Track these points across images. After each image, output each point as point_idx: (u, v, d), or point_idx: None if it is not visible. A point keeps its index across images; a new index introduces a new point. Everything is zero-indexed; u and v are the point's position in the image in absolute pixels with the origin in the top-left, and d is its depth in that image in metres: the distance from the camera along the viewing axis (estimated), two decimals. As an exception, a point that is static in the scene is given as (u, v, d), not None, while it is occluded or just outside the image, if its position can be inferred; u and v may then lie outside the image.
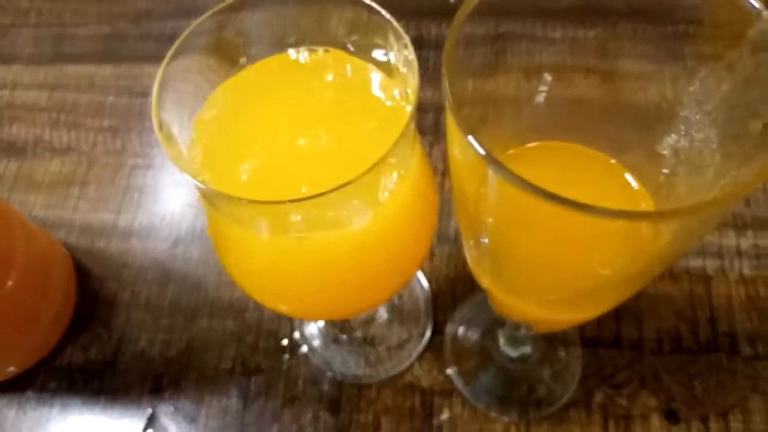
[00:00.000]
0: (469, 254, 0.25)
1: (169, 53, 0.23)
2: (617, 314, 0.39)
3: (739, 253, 0.40)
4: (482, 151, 0.17)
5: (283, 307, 0.27)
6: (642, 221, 0.16)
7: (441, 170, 0.45)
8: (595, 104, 0.25)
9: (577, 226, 0.17)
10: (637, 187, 0.24)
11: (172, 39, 0.54)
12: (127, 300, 0.43)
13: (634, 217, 0.15)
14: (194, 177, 0.21)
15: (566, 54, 0.25)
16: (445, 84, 0.19)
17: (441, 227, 0.42)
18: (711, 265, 0.40)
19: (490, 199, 0.19)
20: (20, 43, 0.53)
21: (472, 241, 0.23)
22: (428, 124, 0.47)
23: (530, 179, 0.26)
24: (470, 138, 0.17)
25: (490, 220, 0.20)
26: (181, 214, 0.45)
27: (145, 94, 0.50)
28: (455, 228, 0.42)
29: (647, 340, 0.38)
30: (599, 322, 0.39)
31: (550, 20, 0.25)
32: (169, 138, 0.21)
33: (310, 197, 0.20)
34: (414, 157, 0.24)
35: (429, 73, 0.48)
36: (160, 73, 0.22)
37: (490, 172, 0.17)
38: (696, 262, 0.40)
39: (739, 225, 0.41)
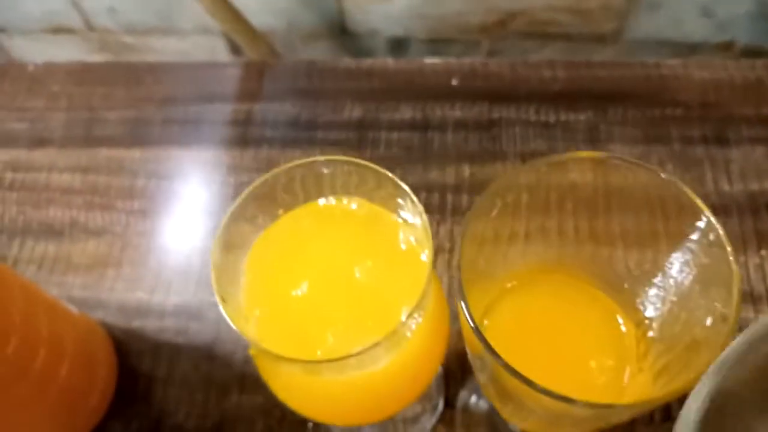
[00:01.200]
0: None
1: (223, 221, 0.26)
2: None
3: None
4: (484, 342, 0.21)
5: (315, 419, 0.31)
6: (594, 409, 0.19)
7: (447, 248, 0.48)
8: (587, 249, 0.29)
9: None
10: (625, 330, 0.28)
11: (194, 123, 0.59)
12: (164, 377, 0.46)
13: (591, 407, 0.19)
14: (247, 333, 0.25)
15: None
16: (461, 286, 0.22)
17: (451, 306, 0.46)
18: (698, 339, 0.43)
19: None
20: (53, 126, 0.57)
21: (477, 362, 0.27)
22: (434, 202, 0.50)
23: (527, 314, 0.30)
24: (473, 327, 0.21)
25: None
26: (211, 294, 0.49)
27: (171, 177, 0.54)
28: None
29: None
30: None
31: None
32: (227, 301, 0.25)
33: (341, 358, 0.24)
34: (431, 296, 0.28)
35: (434, 154, 0.52)
36: (215, 246, 0.26)
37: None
38: (684, 337, 0.43)
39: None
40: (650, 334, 0.26)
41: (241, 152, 0.55)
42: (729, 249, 0.21)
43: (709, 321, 0.21)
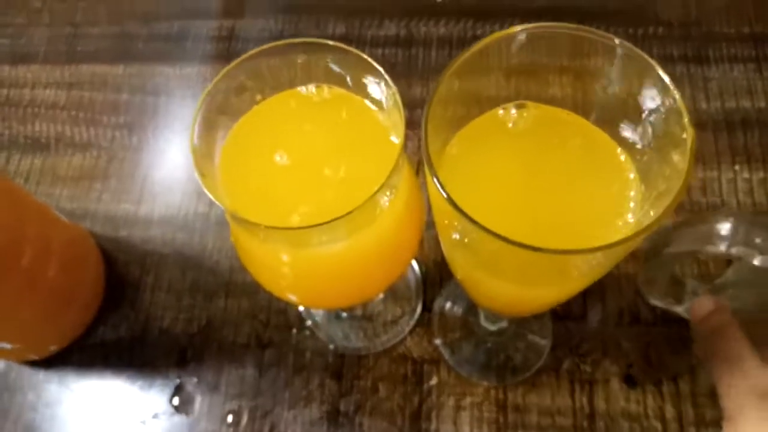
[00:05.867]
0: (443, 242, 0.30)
1: (201, 98, 0.27)
2: (584, 292, 0.44)
3: (693, 236, 0.45)
4: (445, 194, 0.22)
5: (293, 300, 0.32)
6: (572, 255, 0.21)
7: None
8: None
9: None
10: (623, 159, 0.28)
11: (178, 39, 0.58)
12: (151, 283, 0.48)
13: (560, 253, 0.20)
14: (225, 205, 0.25)
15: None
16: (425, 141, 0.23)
17: (429, 215, 0.47)
18: (668, 247, 0.45)
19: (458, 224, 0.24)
20: (35, 42, 0.57)
21: (443, 238, 0.28)
22: (416, 119, 0.51)
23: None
24: (439, 188, 0.22)
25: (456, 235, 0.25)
26: (197, 205, 0.50)
27: (156, 93, 0.54)
28: (442, 215, 0.47)
29: (610, 314, 0.44)
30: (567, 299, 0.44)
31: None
32: (205, 175, 0.26)
33: (316, 225, 0.25)
34: (402, 177, 0.29)
35: (419, 71, 0.53)
36: (194, 122, 0.27)
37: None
38: (655, 245, 0.45)
39: (695, 210, 0.46)
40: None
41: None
42: (684, 112, 0.22)
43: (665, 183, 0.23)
